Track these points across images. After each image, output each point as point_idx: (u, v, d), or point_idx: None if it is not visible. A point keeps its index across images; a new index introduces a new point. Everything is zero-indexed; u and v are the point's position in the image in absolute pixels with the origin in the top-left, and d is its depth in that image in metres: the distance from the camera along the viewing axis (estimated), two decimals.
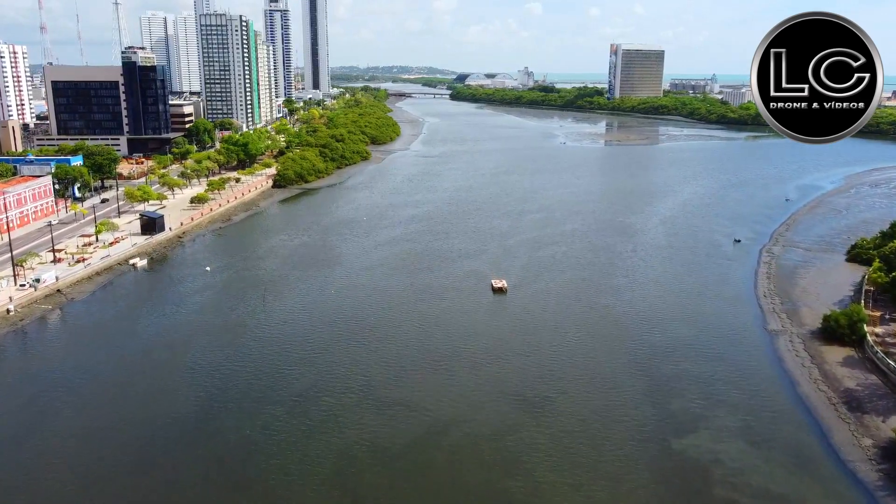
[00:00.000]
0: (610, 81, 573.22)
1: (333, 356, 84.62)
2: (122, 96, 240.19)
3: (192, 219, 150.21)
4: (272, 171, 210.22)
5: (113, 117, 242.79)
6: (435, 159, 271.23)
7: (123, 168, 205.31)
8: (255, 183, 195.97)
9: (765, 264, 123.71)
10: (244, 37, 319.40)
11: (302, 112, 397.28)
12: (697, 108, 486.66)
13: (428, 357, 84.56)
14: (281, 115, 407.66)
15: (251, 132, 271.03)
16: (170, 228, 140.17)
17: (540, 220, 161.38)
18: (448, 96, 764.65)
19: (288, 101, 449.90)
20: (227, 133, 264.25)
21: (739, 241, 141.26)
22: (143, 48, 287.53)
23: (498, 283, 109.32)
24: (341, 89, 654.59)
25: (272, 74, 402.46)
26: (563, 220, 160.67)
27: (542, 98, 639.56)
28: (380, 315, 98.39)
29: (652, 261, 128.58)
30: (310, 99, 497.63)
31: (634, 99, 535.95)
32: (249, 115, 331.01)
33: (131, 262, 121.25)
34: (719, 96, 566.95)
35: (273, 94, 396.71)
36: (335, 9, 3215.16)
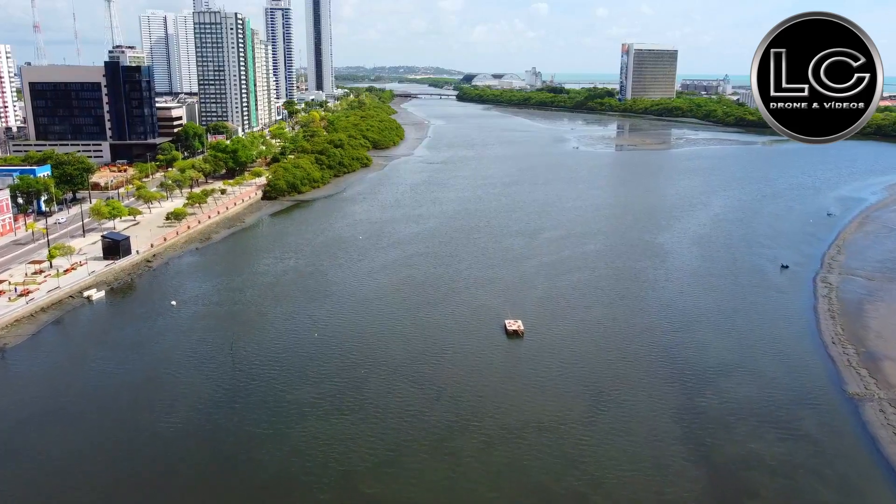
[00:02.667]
0: (621, 82, 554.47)
1: (308, 431, 67.53)
2: (105, 98, 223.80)
3: (165, 238, 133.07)
4: (263, 180, 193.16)
5: (95, 121, 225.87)
6: (440, 166, 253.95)
7: (102, 177, 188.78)
8: (242, 194, 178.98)
9: (823, 298, 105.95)
10: (240, 36, 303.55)
11: (302, 114, 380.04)
12: (713, 111, 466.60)
13: (426, 433, 67.34)
14: (280, 117, 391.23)
15: (243, 137, 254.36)
16: (137, 251, 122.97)
17: (557, 238, 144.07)
18: (454, 97, 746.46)
19: (289, 103, 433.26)
20: (218, 138, 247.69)
21: (787, 266, 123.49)
22: (131, 47, 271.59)
23: (512, 325, 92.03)
24: (346, 90, 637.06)
25: (271, 75, 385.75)
26: (584, 239, 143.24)
27: (550, 99, 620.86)
28: (369, 370, 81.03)
29: (691, 292, 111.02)
30: (312, 100, 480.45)
31: (647, 100, 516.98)
32: (246, 117, 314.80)
33: (86, 294, 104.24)
34: (734, 97, 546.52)
35: (272, 95, 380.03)
36: (341, 8, 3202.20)
